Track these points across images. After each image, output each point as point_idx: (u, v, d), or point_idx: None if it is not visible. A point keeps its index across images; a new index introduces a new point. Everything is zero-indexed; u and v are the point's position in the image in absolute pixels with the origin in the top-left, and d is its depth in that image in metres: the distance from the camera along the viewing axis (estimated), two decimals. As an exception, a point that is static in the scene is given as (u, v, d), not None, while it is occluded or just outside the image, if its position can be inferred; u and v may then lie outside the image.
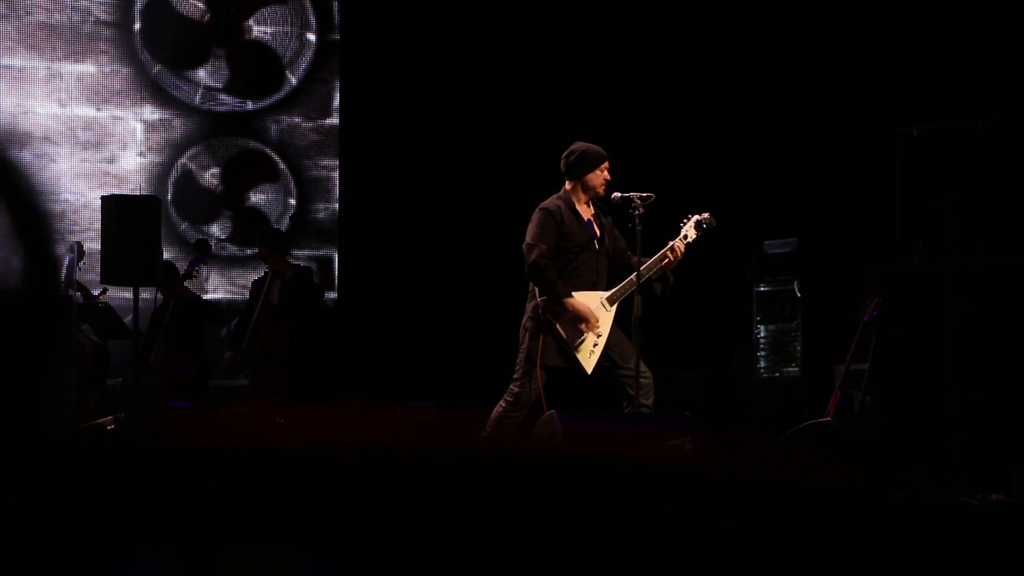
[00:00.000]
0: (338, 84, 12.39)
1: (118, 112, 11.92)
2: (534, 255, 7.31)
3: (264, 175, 12.31)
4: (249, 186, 12.27)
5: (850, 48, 10.67)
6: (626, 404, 7.30)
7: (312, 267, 10.78)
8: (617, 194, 7.34)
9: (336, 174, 12.39)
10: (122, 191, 11.22)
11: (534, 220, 7.43)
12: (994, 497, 6.57)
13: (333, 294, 12.26)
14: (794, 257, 10.02)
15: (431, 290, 11.90)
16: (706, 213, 7.48)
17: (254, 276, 10.89)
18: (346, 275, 12.34)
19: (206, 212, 12.16)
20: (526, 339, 7.37)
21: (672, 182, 8.61)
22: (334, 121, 12.39)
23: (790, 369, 10.02)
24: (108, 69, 11.90)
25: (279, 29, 12.37)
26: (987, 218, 7.29)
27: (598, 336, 7.31)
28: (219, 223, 12.19)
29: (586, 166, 7.41)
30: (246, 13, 12.30)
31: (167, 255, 10.52)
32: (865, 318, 7.74)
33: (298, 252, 11.86)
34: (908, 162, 7.66)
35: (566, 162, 7.46)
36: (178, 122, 12.08)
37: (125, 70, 11.94)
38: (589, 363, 7.30)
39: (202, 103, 12.15)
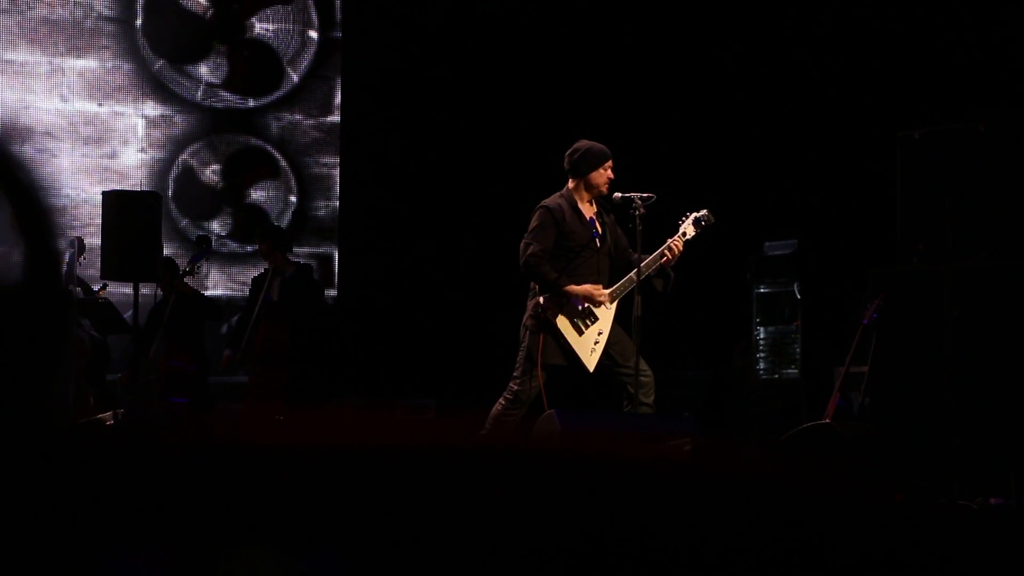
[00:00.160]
0: (339, 82, 12.39)
1: (119, 108, 11.92)
2: (527, 252, 7.29)
3: (265, 172, 12.31)
4: (250, 183, 12.27)
5: (850, 49, 10.66)
6: (626, 403, 7.28)
7: (312, 265, 10.78)
8: (618, 194, 7.33)
9: (337, 172, 12.39)
10: (123, 187, 11.22)
11: (534, 218, 7.40)
12: (993, 500, 6.57)
13: (333, 292, 12.25)
14: (794, 259, 10.02)
15: (431, 288, 11.90)
16: (704, 210, 7.47)
17: (254, 273, 10.88)
18: (346, 273, 12.33)
19: (207, 208, 12.16)
20: (526, 337, 7.35)
21: (672, 182, 8.59)
22: (335, 119, 12.39)
23: (789, 371, 10.01)
24: (110, 65, 11.90)
25: (281, 26, 12.37)
26: (987, 221, 7.29)
27: (599, 334, 7.29)
28: (220, 220, 12.19)
29: (589, 164, 7.38)
30: (249, 10, 12.30)
31: (167, 251, 10.52)
32: (865, 320, 7.73)
33: (298, 249, 11.86)
34: (909, 164, 7.66)
35: (569, 160, 7.43)
36: (179, 118, 12.08)
37: (127, 66, 11.94)
38: (591, 361, 7.27)
39: (204, 99, 12.15)
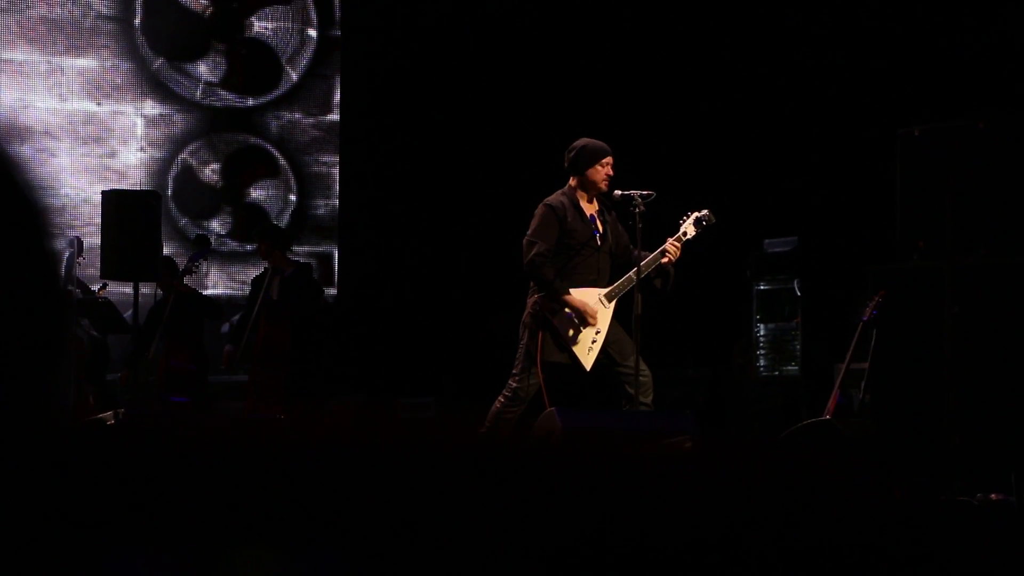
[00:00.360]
0: (339, 80, 12.39)
1: (119, 107, 11.92)
2: (532, 252, 7.28)
3: (264, 171, 12.31)
4: (249, 182, 12.27)
5: (850, 47, 10.66)
6: (625, 402, 7.28)
7: (312, 264, 10.77)
8: (618, 192, 7.32)
9: (336, 170, 12.39)
10: (122, 186, 11.22)
11: (536, 216, 7.39)
12: (993, 497, 6.57)
13: (333, 290, 12.25)
14: (794, 256, 10.02)
15: (431, 286, 11.90)
16: (705, 210, 7.46)
17: (254, 272, 10.88)
18: (346, 271, 12.33)
19: (206, 207, 12.16)
20: (525, 335, 7.34)
21: (673, 181, 8.59)
22: (335, 117, 12.39)
23: (790, 368, 10.01)
24: (109, 64, 11.90)
25: (280, 25, 12.36)
26: (987, 218, 7.28)
27: (596, 333, 7.28)
28: (219, 219, 12.19)
29: (587, 161, 7.36)
30: (248, 9, 12.29)
31: (167, 250, 10.51)
32: (865, 317, 7.73)
33: (298, 248, 11.86)
34: (908, 162, 7.65)
35: (568, 157, 7.42)
36: (179, 117, 12.08)
37: (126, 65, 11.94)
38: (588, 359, 7.27)
39: (203, 98, 12.15)
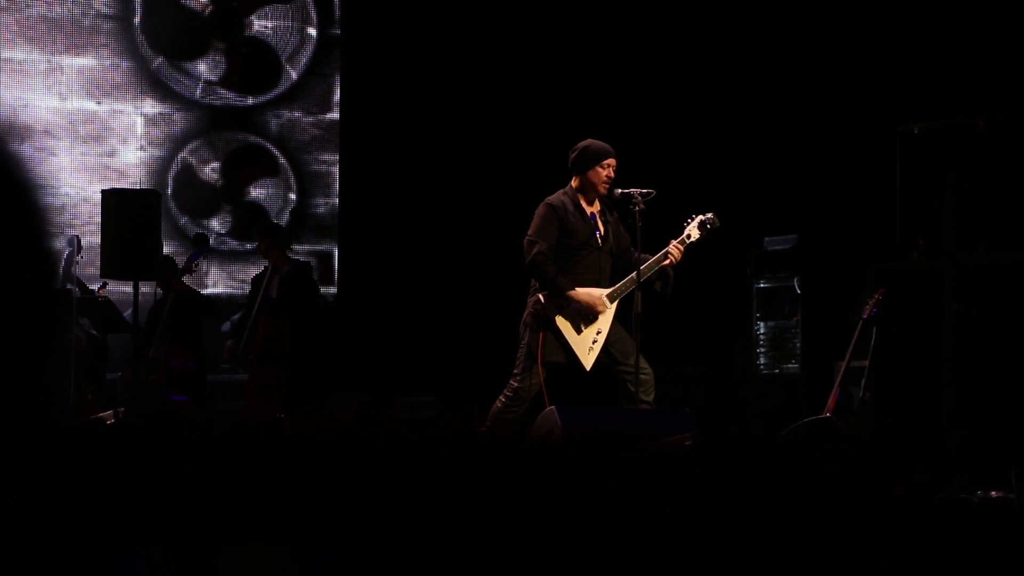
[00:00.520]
0: (338, 79, 12.39)
1: (118, 106, 11.91)
2: (534, 251, 7.27)
3: (264, 170, 12.30)
4: (249, 181, 12.26)
5: (850, 46, 10.66)
6: (625, 401, 7.28)
7: (311, 263, 10.76)
8: (618, 190, 7.32)
9: (336, 169, 12.38)
10: (122, 185, 11.21)
11: (537, 214, 7.38)
12: (994, 494, 6.57)
13: (333, 289, 12.25)
14: (794, 254, 10.02)
15: (431, 285, 11.89)
16: (710, 213, 7.47)
17: (254, 271, 10.88)
18: (346, 270, 12.33)
19: (206, 206, 12.15)
20: (526, 334, 7.34)
21: (673, 179, 8.59)
22: (334, 116, 12.38)
23: (790, 366, 10.01)
24: (108, 63, 11.89)
25: (280, 23, 12.36)
26: (987, 216, 7.28)
27: (597, 333, 7.28)
28: (219, 217, 12.18)
29: (588, 162, 7.36)
30: (248, 8, 12.29)
31: (167, 249, 10.50)
32: (865, 315, 7.73)
33: (298, 247, 11.85)
34: (908, 160, 7.65)
35: (571, 157, 7.43)
36: (178, 116, 12.08)
37: (125, 64, 11.93)
38: (588, 359, 7.27)
39: (202, 97, 12.14)
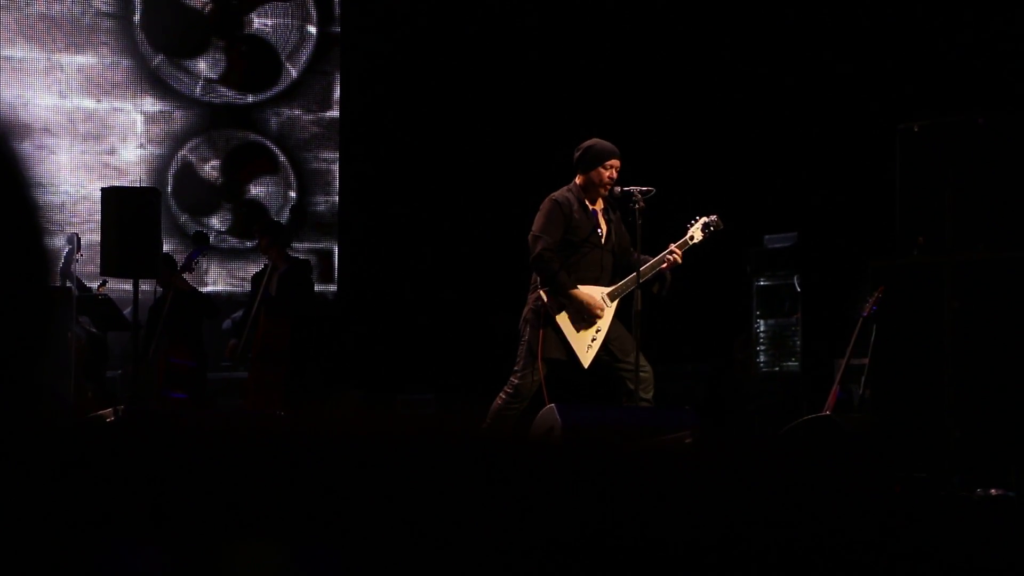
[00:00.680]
0: (338, 77, 12.38)
1: (118, 104, 11.91)
2: (539, 247, 7.28)
3: (264, 167, 12.30)
4: (249, 178, 12.26)
5: (850, 45, 10.66)
6: (625, 399, 7.29)
7: (309, 261, 10.76)
8: (618, 188, 7.32)
9: (336, 167, 12.38)
10: (122, 183, 11.21)
11: (542, 211, 7.39)
12: (993, 492, 6.57)
13: (333, 287, 12.25)
14: (794, 251, 10.01)
15: (431, 283, 11.89)
16: (714, 216, 7.47)
17: (253, 269, 10.88)
18: (346, 268, 12.33)
19: (206, 204, 12.15)
20: (527, 331, 7.35)
21: (673, 176, 8.59)
22: (334, 114, 12.38)
23: (790, 364, 10.01)
24: (108, 61, 11.89)
25: (279, 21, 12.36)
26: (987, 214, 7.28)
27: (597, 331, 7.29)
28: (219, 215, 12.18)
29: (592, 162, 7.37)
30: (248, 6, 12.29)
31: (167, 247, 10.50)
32: (865, 313, 7.74)
33: (298, 245, 11.85)
34: (908, 157, 7.65)
35: (576, 155, 7.44)
36: (178, 114, 12.07)
37: (125, 62, 11.93)
38: (586, 357, 7.28)
39: (202, 95, 12.14)
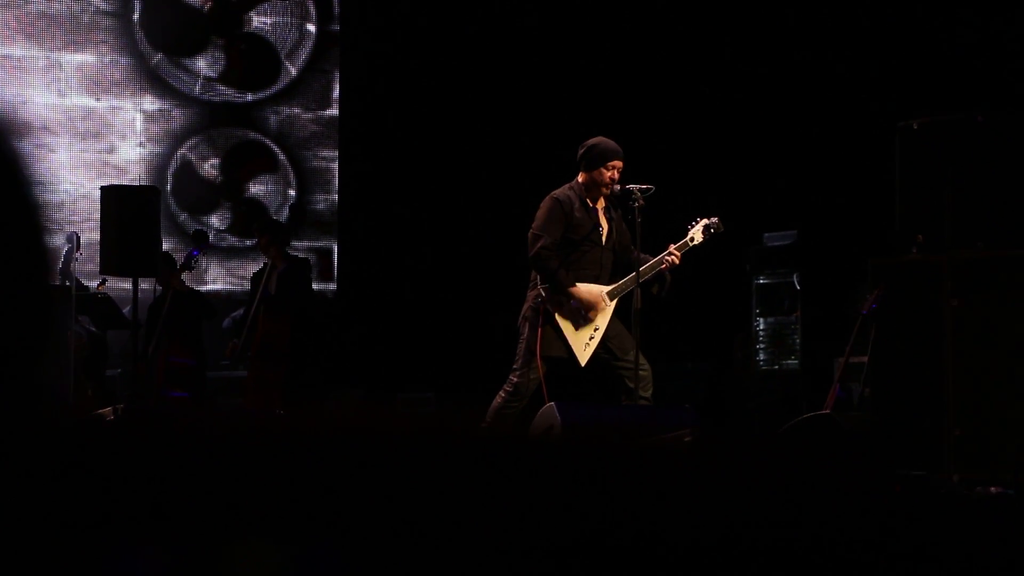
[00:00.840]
0: (338, 75, 12.38)
1: (117, 102, 11.91)
2: (538, 245, 7.28)
3: (263, 166, 12.30)
4: (248, 177, 12.26)
5: (850, 44, 10.66)
6: (624, 397, 7.29)
7: (309, 259, 10.75)
8: (617, 186, 7.32)
9: (335, 165, 12.38)
10: (121, 181, 11.21)
11: (543, 208, 7.39)
12: (993, 490, 6.58)
13: (332, 285, 12.25)
14: (794, 250, 10.02)
15: (430, 281, 11.90)
16: (715, 218, 7.47)
17: (253, 267, 10.88)
18: (345, 266, 12.33)
19: (205, 203, 12.15)
20: (526, 329, 7.35)
21: (673, 175, 8.59)
22: (334, 112, 12.38)
23: (789, 362, 10.02)
24: (107, 59, 11.89)
25: (279, 19, 12.36)
26: (986, 211, 7.29)
27: (595, 329, 7.29)
28: (218, 214, 12.18)
29: (594, 161, 7.37)
30: (247, 4, 12.29)
31: (166, 246, 10.50)
32: (864, 311, 7.73)
33: (297, 243, 11.85)
34: (908, 155, 7.65)
35: (580, 152, 7.44)
36: (177, 112, 12.07)
37: (124, 60, 11.93)
38: (584, 355, 7.28)
39: (202, 93, 12.14)
